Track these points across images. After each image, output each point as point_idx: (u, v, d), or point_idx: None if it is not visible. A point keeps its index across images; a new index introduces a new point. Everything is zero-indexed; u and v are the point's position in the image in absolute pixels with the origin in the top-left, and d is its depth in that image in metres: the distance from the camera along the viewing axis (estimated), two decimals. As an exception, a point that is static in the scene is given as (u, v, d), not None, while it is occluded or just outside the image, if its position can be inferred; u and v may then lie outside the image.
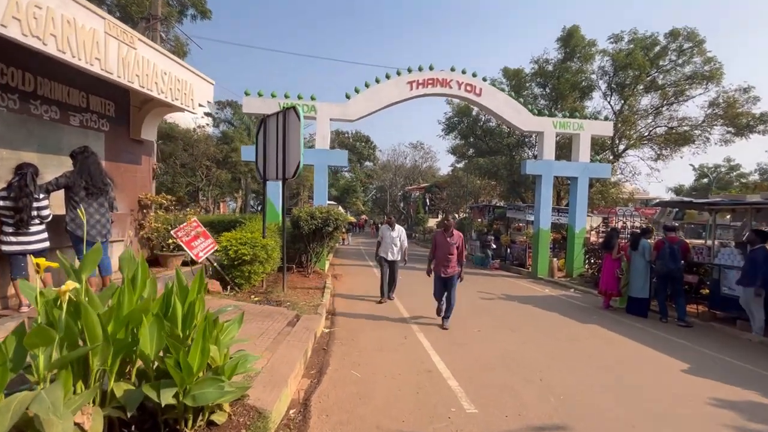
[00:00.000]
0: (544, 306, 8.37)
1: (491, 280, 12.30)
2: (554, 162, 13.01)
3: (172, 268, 6.58)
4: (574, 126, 12.90)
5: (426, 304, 7.74)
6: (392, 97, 12.11)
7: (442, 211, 38.29)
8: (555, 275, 12.77)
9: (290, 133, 7.51)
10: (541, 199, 12.91)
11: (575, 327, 6.76)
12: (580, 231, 12.93)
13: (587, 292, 10.55)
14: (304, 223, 9.90)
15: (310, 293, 8.09)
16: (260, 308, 5.82)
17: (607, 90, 17.86)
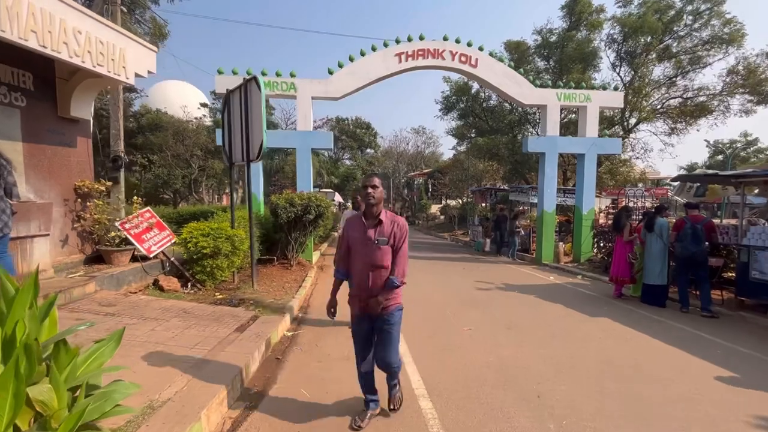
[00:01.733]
0: (547, 296, 7.46)
1: (491, 267, 11.40)
2: (558, 138, 11.93)
3: (117, 265, 5.77)
4: (581, 97, 11.76)
5: (417, 298, 6.88)
6: (379, 71, 11.06)
7: (444, 197, 37.32)
8: (561, 261, 11.82)
9: (253, 108, 6.59)
10: (545, 179, 11.88)
11: (583, 322, 5.85)
12: (588, 212, 11.91)
13: (597, 278, 9.60)
14: (281, 211, 9.03)
15: (286, 288, 7.27)
16: (211, 310, 5.00)
17: (615, 60, 16.55)
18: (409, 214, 43.27)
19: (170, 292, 6.09)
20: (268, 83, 10.52)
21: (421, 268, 10.94)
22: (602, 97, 11.90)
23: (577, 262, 11.84)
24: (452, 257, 13.70)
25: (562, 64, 15.66)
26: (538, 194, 12.57)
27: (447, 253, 15.18)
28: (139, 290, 5.76)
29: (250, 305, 5.65)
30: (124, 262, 5.84)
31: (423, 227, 33.30)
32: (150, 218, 6.43)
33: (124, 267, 5.74)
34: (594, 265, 11.13)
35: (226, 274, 7.04)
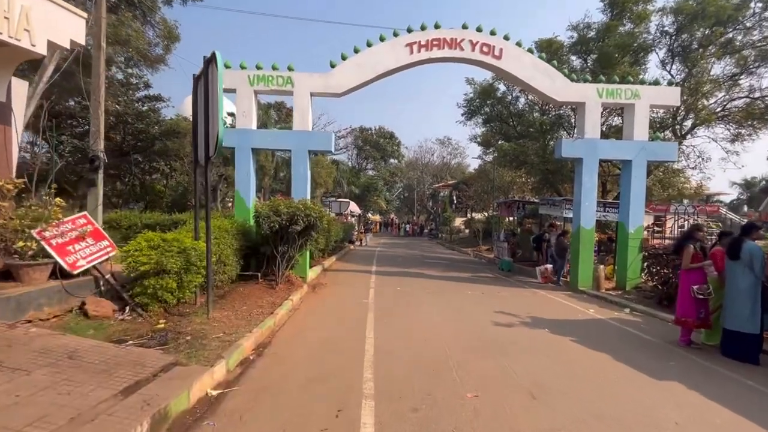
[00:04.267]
0: (589, 340, 5.67)
1: (516, 293, 9.59)
2: (599, 141, 10.09)
3: (29, 283, 4.57)
4: (627, 94, 9.91)
5: (416, 335, 5.30)
6: (388, 62, 9.71)
7: (469, 210, 35.32)
8: (601, 287, 9.84)
9: (212, 94, 5.35)
10: (583, 190, 10.02)
11: (643, 389, 4.07)
12: (635, 230, 9.92)
13: (650, 314, 7.64)
14: (263, 220, 7.75)
15: (252, 315, 5.88)
16: (113, 353, 3.65)
17: (666, 56, 14.47)
18: (432, 227, 41.46)
19: (98, 319, 4.83)
20: (263, 78, 9.42)
21: (433, 290, 9.31)
22: (653, 93, 9.99)
23: (621, 289, 9.83)
24: (472, 278, 11.95)
25: (603, 61, 13.76)
26: (573, 207, 10.69)
27: (466, 271, 13.42)
28: (53, 317, 4.53)
29: (181, 344, 4.27)
30: (39, 279, 4.66)
31: (446, 241, 31.43)
32: (84, 225, 5.26)
33: (36, 286, 4.55)
34: (644, 295, 9.12)
35: (182, 295, 5.75)
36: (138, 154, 25.45)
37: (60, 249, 4.83)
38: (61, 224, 5.00)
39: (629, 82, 10.09)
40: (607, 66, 13.49)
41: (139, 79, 23.76)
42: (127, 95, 23.42)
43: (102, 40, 8.92)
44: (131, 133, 24.00)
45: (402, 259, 17.12)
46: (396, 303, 7.76)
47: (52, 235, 4.82)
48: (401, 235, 41.62)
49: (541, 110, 16.31)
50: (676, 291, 8.02)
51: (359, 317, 6.45)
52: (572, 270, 10.39)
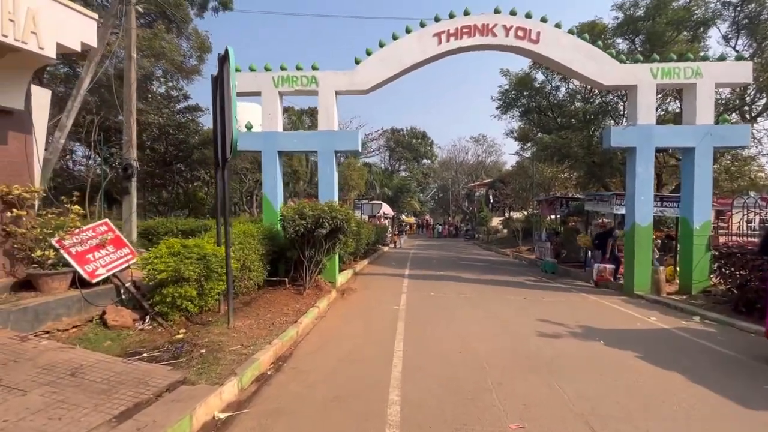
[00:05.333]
0: (654, 355, 4.85)
1: (563, 297, 8.72)
2: (655, 127, 9.01)
3: (48, 292, 4.50)
4: (687, 72, 8.77)
5: (449, 347, 4.76)
6: (414, 55, 9.21)
7: (507, 209, 33.93)
8: (662, 292, 8.74)
9: (227, 94, 5.10)
10: (637, 182, 8.98)
11: (733, 421, 3.29)
12: (701, 226, 8.74)
13: (726, 323, 6.58)
14: (288, 224, 7.48)
15: (276, 324, 5.59)
16: (119, 369, 3.41)
17: (729, 30, 12.89)
18: (469, 228, 40.29)
19: (117, 329, 4.70)
20: (287, 78, 9.23)
21: (469, 296, 8.66)
22: (719, 70, 8.77)
23: (686, 294, 8.68)
24: (512, 281, 11.13)
25: (654, 41, 12.46)
26: (626, 202, 9.63)
27: (506, 274, 12.58)
28: (72, 327, 4.44)
29: (194, 358, 4.00)
30: (59, 288, 4.59)
31: (483, 242, 30.30)
32: (105, 233, 5.19)
33: (55, 295, 4.46)
34: (714, 300, 7.97)
35: (204, 302, 5.55)
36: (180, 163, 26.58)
37: (79, 257, 4.75)
38: (81, 232, 4.94)
39: (689, 59, 8.93)
40: (659, 46, 12.18)
41: (179, 92, 24.85)
42: (169, 107, 24.53)
43: (132, 50, 9.10)
44: (173, 143, 25.08)
45: (437, 261, 16.48)
46: (429, 310, 7.22)
47: (71, 243, 4.75)
48: (435, 237, 40.79)
49: (584, 98, 15.11)
50: (756, 296, 6.95)
51: (388, 326, 5.98)
52: (627, 272, 9.33)
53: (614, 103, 14.40)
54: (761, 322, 6.07)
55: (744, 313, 7.01)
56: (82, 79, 9.14)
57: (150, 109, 22.22)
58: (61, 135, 9.06)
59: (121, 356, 3.96)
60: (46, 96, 5.23)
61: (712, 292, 8.47)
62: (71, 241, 4.76)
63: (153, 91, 23.75)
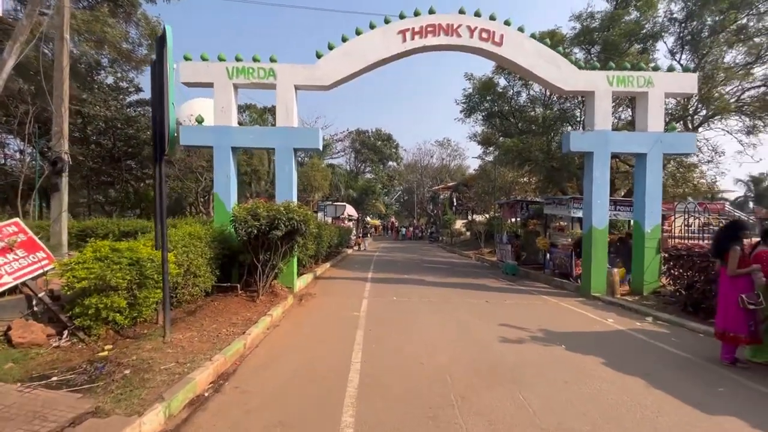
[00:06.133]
0: (613, 358, 4.81)
1: (523, 300, 8.73)
2: (611, 133, 9.28)
3: (-66, 306, 3.75)
4: (640, 81, 9.11)
5: (410, 359, 4.44)
6: (378, 52, 8.93)
7: (470, 212, 34.52)
8: (617, 293, 8.98)
9: (164, 79, 4.53)
10: (594, 187, 9.19)
11: (693, 426, 3.22)
12: (653, 229, 9.08)
13: (677, 323, 6.77)
14: (240, 225, 6.92)
15: (221, 335, 5.05)
16: (14, 398, 2.82)
17: (675, 45, 13.69)
18: (433, 230, 40.65)
19: (25, 347, 4.00)
20: (242, 70, 8.64)
21: (432, 300, 8.45)
22: (668, 80, 9.18)
23: (638, 294, 8.98)
24: (475, 284, 11.09)
25: (609, 51, 12.97)
26: (584, 206, 9.85)
27: (469, 277, 12.56)
28: (-36, 347, 3.69)
29: (115, 381, 3.43)
30: (-52, 301, 3.84)
31: (446, 244, 30.58)
32: (14, 234, 4.44)
33: (-57, 310, 3.71)
34: (664, 301, 8.27)
35: (138, 313, 4.91)
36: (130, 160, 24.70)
37: (-23, 263, 4.01)
38: (-20, 233, 4.18)
39: (642, 68, 9.29)
40: (613, 56, 12.69)
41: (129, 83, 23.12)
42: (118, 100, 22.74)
43: (65, 31, 8.15)
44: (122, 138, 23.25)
45: (401, 264, 16.28)
46: (390, 316, 6.91)
47: (-33, 246, 4.00)
48: (400, 239, 40.83)
49: (544, 105, 15.52)
50: (702, 296, 7.24)
51: (346, 336, 5.60)
52: (584, 274, 9.52)
53: (572, 110, 14.88)
54: (708, 322, 6.31)
55: (691, 313, 7.28)
56: (4, 60, 8.06)
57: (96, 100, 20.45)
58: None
59: (22, 382, 3.32)
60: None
61: (661, 293, 8.80)
62: (-33, 245, 4.01)
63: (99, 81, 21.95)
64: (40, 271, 4.49)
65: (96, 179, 24.84)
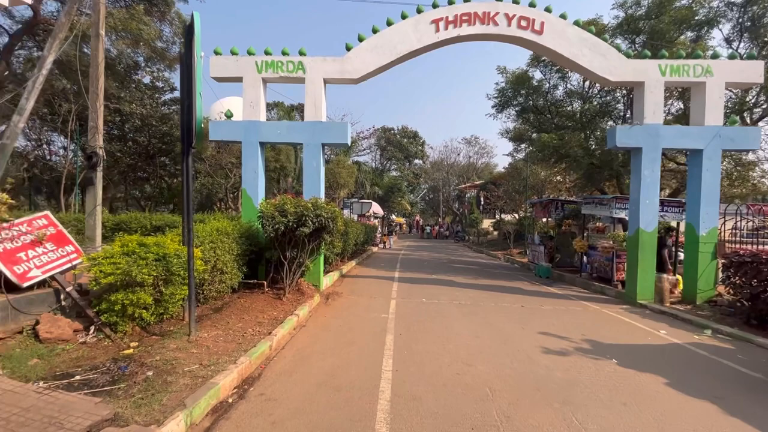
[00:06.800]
0: (675, 377, 4.28)
1: (562, 305, 8.16)
2: (663, 127, 8.52)
3: (-35, 299, 3.72)
4: (696, 70, 8.31)
5: (445, 370, 4.09)
6: (410, 43, 8.56)
7: (498, 211, 33.58)
8: (666, 301, 8.26)
9: (192, 69, 4.37)
10: (642, 186, 8.48)
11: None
12: (708, 233, 8.29)
13: (741, 338, 6.07)
14: (267, 221, 6.76)
15: (247, 335, 4.87)
16: (31, 401, 2.68)
17: (732, 32, 12.55)
18: (459, 230, 39.87)
19: (52, 342, 3.93)
20: (271, 64, 8.50)
21: (463, 302, 8.04)
22: (730, 68, 8.34)
23: (690, 303, 8.22)
24: (507, 286, 10.55)
25: (656, 40, 12.03)
26: (630, 206, 9.13)
27: (500, 279, 12.02)
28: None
29: (137, 383, 3.27)
30: (-21, 294, 3.81)
31: (473, 244, 29.86)
32: (44, 227, 4.40)
33: (-26, 303, 3.68)
34: (722, 312, 7.50)
35: (164, 310, 4.81)
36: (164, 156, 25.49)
37: (7, 256, 3.97)
38: (12, 226, 4.16)
39: (698, 56, 8.47)
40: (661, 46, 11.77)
41: (164, 82, 23.80)
42: (153, 98, 23.47)
43: (100, 27, 8.25)
44: (156, 135, 24.00)
45: (428, 263, 15.87)
46: (421, 320, 6.57)
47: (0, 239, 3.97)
48: (425, 238, 40.33)
49: (583, 98, 14.65)
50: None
51: (376, 340, 5.31)
52: (629, 279, 8.83)
53: (614, 103, 13.97)
54: (781, 338, 5.60)
55: (756, 326, 6.55)
56: (44, 57, 8.24)
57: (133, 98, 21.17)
58: (20, 119, 8.14)
59: (45, 380, 3.22)
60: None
61: (717, 303, 8.02)
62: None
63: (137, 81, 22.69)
64: (68, 265, 4.45)
65: (133, 175, 25.78)
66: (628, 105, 14.15)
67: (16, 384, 2.93)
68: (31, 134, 21.60)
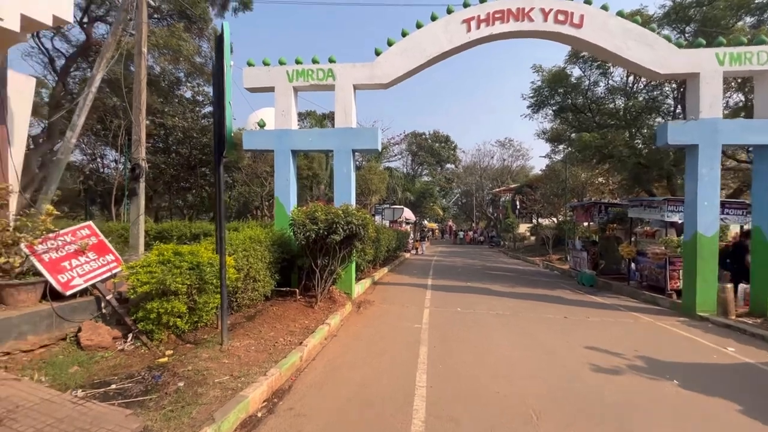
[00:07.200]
0: (750, 404, 3.75)
1: (610, 317, 7.56)
2: (722, 122, 7.76)
3: (15, 306, 3.89)
4: (761, 58, 7.52)
5: (482, 390, 3.81)
6: (440, 44, 8.35)
7: (535, 215, 32.36)
8: (731, 313, 7.45)
9: (222, 75, 4.40)
10: (700, 186, 7.74)
11: None
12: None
13: (829, 358, 5.31)
14: (298, 228, 6.74)
15: (279, 345, 4.82)
16: (66, 411, 2.69)
17: (800, 15, 11.36)
18: (493, 234, 38.80)
19: (92, 349, 4.04)
20: (302, 72, 8.57)
21: (500, 314, 7.64)
22: (801, 54, 7.47)
23: (760, 316, 7.36)
24: (548, 295, 9.99)
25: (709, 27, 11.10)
26: (686, 209, 8.37)
27: (539, 287, 11.43)
28: (39, 348, 3.79)
29: (168, 394, 3.25)
30: (27, 301, 3.97)
31: (508, 249, 28.88)
32: (87, 237, 4.56)
33: (21, 310, 3.84)
34: (800, 326, 6.64)
35: (198, 318, 4.85)
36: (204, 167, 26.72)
37: (53, 265, 4.14)
38: (57, 236, 4.34)
39: (762, 42, 7.67)
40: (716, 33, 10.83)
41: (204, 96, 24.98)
42: (194, 112, 24.69)
43: (143, 45, 8.68)
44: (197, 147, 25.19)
45: (462, 270, 15.43)
46: (456, 331, 6.27)
47: (45, 249, 4.14)
48: (458, 243, 39.56)
49: (627, 95, 13.77)
50: None
51: (409, 352, 5.09)
52: (687, 289, 8.06)
53: (661, 98, 13.02)
54: None
55: None
56: (93, 75, 8.78)
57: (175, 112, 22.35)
58: (73, 134, 8.70)
59: (84, 388, 3.27)
60: (29, 84, 4.71)
61: (794, 316, 7.13)
62: (45, 247, 4.16)
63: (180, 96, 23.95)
64: (108, 274, 4.58)
65: (176, 185, 27.14)
66: (679, 100, 13.15)
67: (54, 393, 2.98)
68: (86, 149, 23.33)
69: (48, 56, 16.07)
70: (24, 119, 4.66)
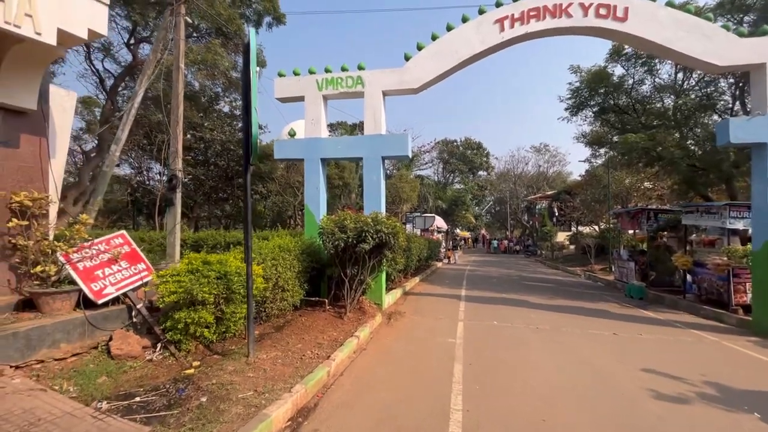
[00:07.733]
0: None
1: (666, 335, 6.83)
2: (795, 116, 6.92)
3: (50, 314, 3.94)
4: (840, 43, 6.66)
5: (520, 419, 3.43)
6: (472, 46, 8.06)
7: (575, 223, 30.85)
8: (814, 333, 6.52)
9: (249, 82, 4.36)
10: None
11: None
12: None
13: None
14: (327, 237, 6.60)
15: (306, 358, 4.64)
16: (86, 426, 2.59)
17: None
18: (529, 243, 37.34)
19: (122, 358, 4.02)
20: (331, 80, 8.54)
21: (540, 329, 7.11)
22: None
23: None
24: (592, 309, 9.27)
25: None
26: (753, 215, 7.51)
27: (582, 299, 10.66)
28: (71, 356, 3.82)
29: (191, 409, 3.12)
30: (62, 309, 4.02)
31: (546, 259, 27.60)
32: (120, 246, 4.62)
33: (56, 318, 3.89)
34: None
35: (226, 328, 4.77)
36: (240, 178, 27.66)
37: (87, 274, 4.19)
38: (92, 245, 4.41)
39: (842, 26, 6.80)
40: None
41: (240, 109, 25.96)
42: (231, 125, 25.69)
43: (180, 61, 9.00)
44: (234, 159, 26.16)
45: (497, 280, 14.79)
46: (493, 347, 5.85)
47: (80, 257, 4.21)
48: (492, 252, 38.37)
49: (676, 92, 12.77)
50: None
51: (443, 370, 4.75)
52: (759, 305, 7.18)
53: (717, 95, 11.96)
54: None
55: None
56: (135, 92, 9.20)
57: (214, 126, 23.29)
58: (117, 148, 9.12)
59: (109, 399, 3.21)
60: (70, 98, 4.90)
61: None
62: (80, 256, 4.23)
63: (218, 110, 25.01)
64: (139, 283, 4.61)
65: (215, 196, 28.23)
66: (737, 96, 12.04)
67: (77, 406, 2.93)
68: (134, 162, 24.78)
69: (98, 77, 17.22)
70: (65, 133, 4.84)
